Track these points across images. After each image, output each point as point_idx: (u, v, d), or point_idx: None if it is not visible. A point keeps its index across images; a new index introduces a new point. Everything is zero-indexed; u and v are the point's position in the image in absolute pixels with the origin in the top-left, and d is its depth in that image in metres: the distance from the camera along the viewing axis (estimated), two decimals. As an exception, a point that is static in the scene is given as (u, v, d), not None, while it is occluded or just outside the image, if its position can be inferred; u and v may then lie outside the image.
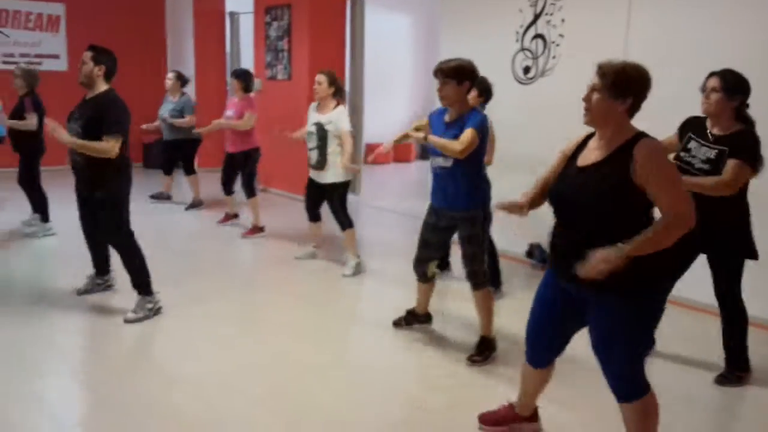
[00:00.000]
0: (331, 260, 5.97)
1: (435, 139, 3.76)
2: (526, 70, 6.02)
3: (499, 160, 4.88)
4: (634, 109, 2.50)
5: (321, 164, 5.48)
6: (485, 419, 3.15)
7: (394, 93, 12.89)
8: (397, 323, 4.42)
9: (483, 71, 6.39)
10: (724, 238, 3.62)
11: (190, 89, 10.81)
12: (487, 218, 3.97)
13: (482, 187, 3.99)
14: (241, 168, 6.92)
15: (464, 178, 3.77)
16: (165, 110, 7.88)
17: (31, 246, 6.27)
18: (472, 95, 4.66)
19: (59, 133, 4.21)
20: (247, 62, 10.78)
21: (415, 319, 4.42)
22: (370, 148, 12.12)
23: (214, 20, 11.18)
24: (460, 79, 3.70)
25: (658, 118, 3.96)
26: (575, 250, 2.44)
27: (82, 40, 11.61)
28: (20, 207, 6.87)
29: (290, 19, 8.87)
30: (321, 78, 5.47)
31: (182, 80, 8.02)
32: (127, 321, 4.39)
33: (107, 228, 4.49)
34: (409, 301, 4.46)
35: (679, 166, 3.61)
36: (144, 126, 8.06)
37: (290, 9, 8.85)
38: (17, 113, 6.27)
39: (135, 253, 4.48)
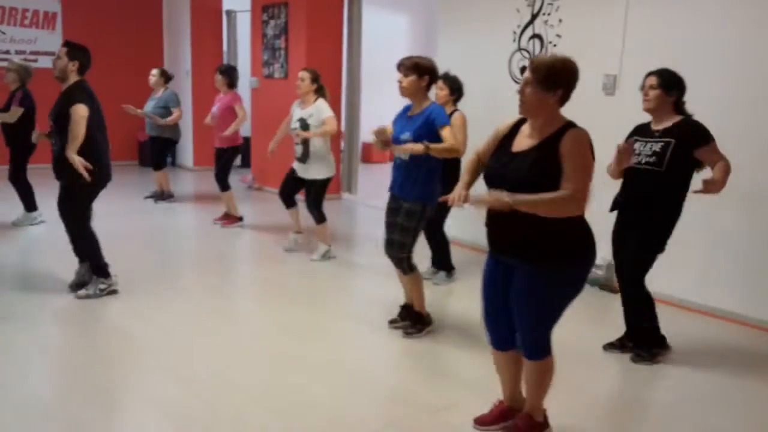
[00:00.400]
0: (325, 258, 5.97)
1: (436, 146, 3.93)
2: (523, 70, 6.02)
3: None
4: (564, 99, 2.74)
5: (305, 157, 5.72)
6: (480, 421, 3.17)
7: (391, 92, 12.87)
8: (393, 321, 4.42)
9: (480, 70, 6.42)
10: (658, 232, 3.87)
11: (187, 87, 10.84)
12: (426, 214, 4.11)
13: (435, 183, 4.10)
14: (219, 160, 7.01)
15: (416, 172, 4.04)
16: (149, 106, 7.96)
17: (23, 238, 6.27)
18: (444, 93, 5.04)
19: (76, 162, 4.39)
20: (244, 60, 10.76)
21: (409, 313, 4.39)
22: (367, 147, 12.14)
23: (210, 18, 11.15)
24: (420, 73, 4.03)
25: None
26: (508, 226, 2.73)
27: (78, 37, 11.55)
28: (13, 202, 6.89)
29: (287, 18, 8.86)
30: (304, 75, 5.75)
31: (166, 77, 8.08)
32: (78, 297, 4.65)
33: (64, 211, 4.63)
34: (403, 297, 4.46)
35: (628, 167, 3.85)
36: (126, 106, 7.85)
37: (287, 7, 8.84)
38: (6, 107, 6.36)
39: (88, 240, 4.67)
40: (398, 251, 4.13)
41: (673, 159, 3.69)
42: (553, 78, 2.68)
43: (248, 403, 3.35)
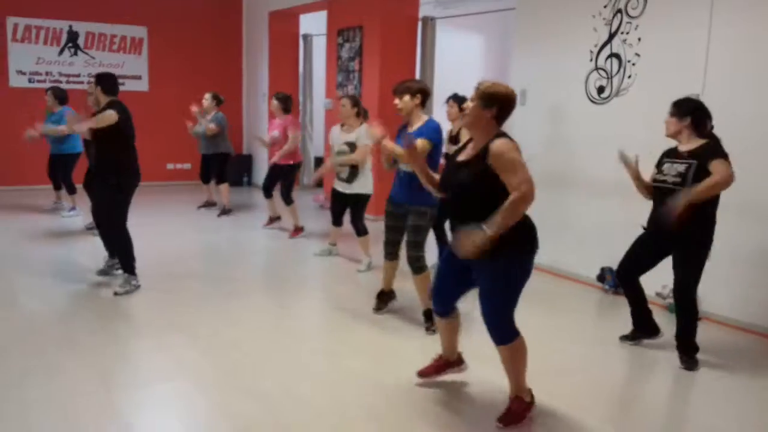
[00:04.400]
0: (369, 268, 6.17)
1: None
2: (601, 89, 5.89)
3: (571, 180, 4.78)
4: (500, 117, 3.12)
5: (352, 178, 6.15)
6: (424, 372, 3.77)
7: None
8: (378, 309, 5.04)
9: (556, 90, 6.32)
10: (694, 240, 4.09)
11: (264, 108, 11.12)
12: (431, 214, 4.61)
13: None
14: (282, 178, 7.65)
15: (419, 181, 4.25)
16: (201, 127, 8.52)
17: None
18: (454, 110, 5.88)
19: (79, 126, 5.22)
20: (319, 82, 10.97)
21: (387, 297, 5.10)
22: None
23: (288, 42, 11.44)
24: (413, 93, 4.60)
25: (749, 131, 3.82)
26: (460, 224, 3.15)
27: (162, 61, 12.03)
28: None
29: (362, 41, 8.98)
30: (345, 101, 6.18)
31: (218, 100, 8.68)
32: (117, 294, 5.21)
33: (108, 215, 5.31)
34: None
35: (656, 186, 4.21)
36: (190, 127, 8.64)
37: (362, 30, 8.97)
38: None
39: (125, 241, 5.31)
40: (416, 250, 4.58)
41: (694, 178, 3.95)
42: (490, 97, 3.09)
43: (317, 420, 3.35)
